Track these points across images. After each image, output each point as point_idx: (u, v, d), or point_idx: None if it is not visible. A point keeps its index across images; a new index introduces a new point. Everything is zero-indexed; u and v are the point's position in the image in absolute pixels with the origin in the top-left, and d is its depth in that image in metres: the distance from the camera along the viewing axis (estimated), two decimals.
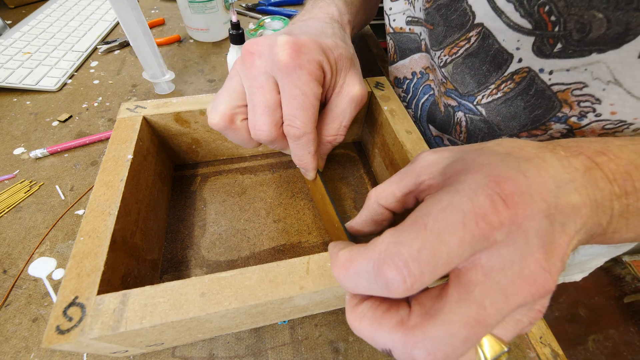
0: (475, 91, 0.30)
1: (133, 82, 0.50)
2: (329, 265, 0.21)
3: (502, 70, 0.27)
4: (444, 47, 0.30)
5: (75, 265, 0.20)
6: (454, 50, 0.29)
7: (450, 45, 0.29)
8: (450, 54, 0.30)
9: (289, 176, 0.37)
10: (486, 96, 0.29)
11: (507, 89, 0.27)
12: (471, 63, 0.29)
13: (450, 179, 0.15)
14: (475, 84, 0.30)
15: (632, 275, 1.02)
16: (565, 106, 0.25)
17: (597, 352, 0.95)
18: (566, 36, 0.22)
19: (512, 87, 0.27)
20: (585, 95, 0.24)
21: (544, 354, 0.27)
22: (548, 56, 0.24)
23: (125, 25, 0.39)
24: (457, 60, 0.30)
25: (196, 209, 0.34)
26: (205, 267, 0.30)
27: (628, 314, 1.01)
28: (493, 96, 0.29)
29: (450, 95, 0.33)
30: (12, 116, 0.44)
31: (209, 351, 0.26)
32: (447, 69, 0.31)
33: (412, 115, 0.42)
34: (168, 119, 0.31)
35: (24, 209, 0.34)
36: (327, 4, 0.33)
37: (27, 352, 0.25)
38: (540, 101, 0.26)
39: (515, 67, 0.26)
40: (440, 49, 0.31)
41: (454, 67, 0.30)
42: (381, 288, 0.13)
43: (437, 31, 0.30)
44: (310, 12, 0.32)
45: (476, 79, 0.29)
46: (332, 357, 0.26)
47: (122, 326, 0.18)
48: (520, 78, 0.26)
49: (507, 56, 0.26)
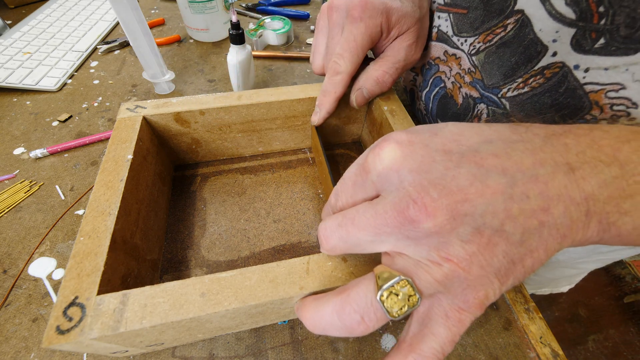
0: (500, 84, 0.28)
1: (133, 82, 0.50)
2: (329, 265, 0.21)
3: (532, 63, 0.25)
4: (479, 34, 0.29)
5: (75, 265, 0.20)
6: (489, 37, 0.28)
7: (487, 32, 0.28)
8: (484, 41, 0.28)
9: (289, 176, 0.37)
10: (512, 90, 0.28)
11: (535, 84, 0.26)
12: (502, 53, 0.27)
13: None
14: (501, 76, 0.28)
15: (632, 275, 1.02)
16: (595, 108, 0.23)
17: (597, 352, 0.95)
18: (612, 31, 0.20)
19: (541, 82, 0.25)
20: (620, 99, 0.21)
21: (544, 354, 0.27)
22: (587, 52, 0.22)
23: (125, 25, 0.39)
24: (491, 49, 0.28)
25: (196, 209, 0.34)
26: (205, 267, 0.30)
27: (628, 314, 1.01)
28: (519, 90, 0.27)
29: (474, 85, 0.31)
30: (12, 116, 0.44)
31: (209, 351, 0.26)
32: (479, 57, 0.29)
33: (424, 108, 0.41)
34: (168, 119, 0.31)
35: (24, 209, 0.34)
36: None
37: (27, 352, 0.25)
38: (570, 100, 0.24)
39: (547, 60, 0.24)
40: (474, 35, 0.29)
41: (486, 55, 0.29)
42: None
43: (474, 15, 0.29)
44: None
45: (502, 70, 0.28)
46: (332, 357, 0.26)
47: (122, 326, 0.18)
48: (552, 73, 0.24)
49: (541, 48, 0.24)
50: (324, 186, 0.35)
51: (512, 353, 0.27)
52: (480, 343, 0.27)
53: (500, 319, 0.29)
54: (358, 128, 0.39)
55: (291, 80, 0.52)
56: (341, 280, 0.21)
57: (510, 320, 0.29)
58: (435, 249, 0.14)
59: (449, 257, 0.14)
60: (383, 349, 0.27)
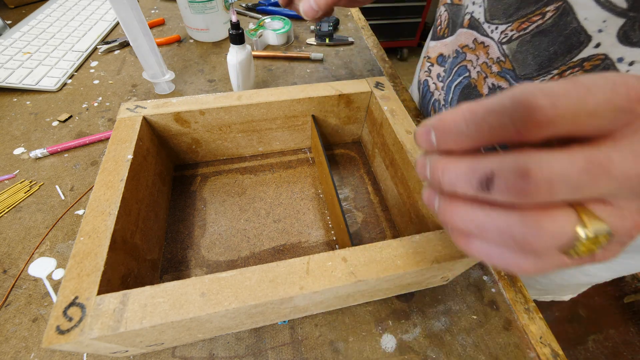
0: (534, 75, 0.27)
1: (133, 82, 0.50)
2: (329, 265, 0.21)
3: (572, 54, 0.24)
4: (513, 21, 0.27)
5: (75, 265, 0.20)
6: (524, 25, 0.27)
7: (522, 20, 0.27)
8: (519, 29, 0.27)
9: (289, 176, 0.37)
10: (546, 82, 0.27)
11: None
12: (538, 42, 0.26)
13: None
14: (535, 67, 0.27)
15: (632, 275, 1.02)
16: None
17: (597, 352, 0.95)
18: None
19: (579, 75, 0.23)
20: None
21: (544, 354, 0.27)
22: (634, 44, 0.21)
23: (125, 25, 0.39)
24: (525, 38, 0.27)
25: (196, 209, 0.34)
26: (205, 267, 0.30)
27: (628, 314, 1.01)
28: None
29: (503, 76, 0.30)
30: (12, 116, 0.44)
31: (209, 351, 0.26)
32: (511, 46, 0.28)
33: (443, 97, 0.40)
34: (168, 119, 0.31)
35: (24, 209, 0.34)
36: None
37: (27, 352, 0.25)
38: None
39: (589, 52, 0.23)
40: (507, 23, 0.28)
41: (519, 44, 0.27)
42: (518, 120, 0.12)
43: (508, 2, 0.28)
44: None
45: (538, 60, 0.26)
46: (332, 357, 0.26)
47: (122, 326, 0.18)
48: (592, 66, 0.23)
49: (584, 38, 0.23)
50: (324, 186, 0.35)
51: (512, 353, 0.27)
52: (480, 343, 0.27)
53: (500, 319, 0.29)
54: (358, 128, 0.39)
55: (291, 80, 0.52)
56: (341, 280, 0.21)
57: (510, 320, 0.29)
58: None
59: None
60: (383, 349, 0.27)
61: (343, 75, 0.53)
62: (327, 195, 0.33)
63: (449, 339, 0.27)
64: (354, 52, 0.59)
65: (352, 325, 0.28)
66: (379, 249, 0.22)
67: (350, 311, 0.29)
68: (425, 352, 0.27)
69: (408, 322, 0.28)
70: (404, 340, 0.27)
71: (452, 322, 0.28)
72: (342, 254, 0.22)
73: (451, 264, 0.22)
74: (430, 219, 0.26)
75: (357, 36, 0.63)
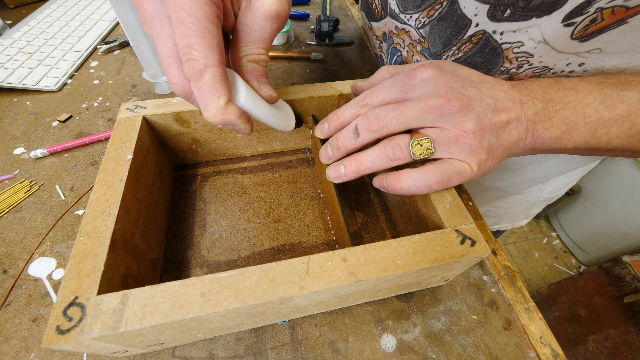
0: (441, 51, 0.35)
1: (133, 82, 0.50)
2: (329, 265, 0.21)
3: (462, 33, 0.32)
4: (423, 10, 0.34)
5: (75, 265, 0.20)
6: (430, 12, 0.34)
7: (428, 8, 0.34)
8: (428, 16, 0.34)
9: (289, 176, 0.37)
10: (450, 56, 0.34)
11: (466, 49, 0.33)
12: (441, 25, 0.33)
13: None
14: (441, 45, 0.34)
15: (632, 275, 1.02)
16: (506, 61, 0.31)
17: (597, 352, 0.95)
18: (514, 4, 0.27)
19: (470, 47, 0.32)
20: (521, 53, 0.29)
21: (544, 354, 0.27)
22: (499, 20, 0.29)
23: (125, 25, 0.39)
24: (433, 22, 0.34)
25: (196, 209, 0.34)
26: (205, 267, 0.30)
27: (628, 314, 1.01)
28: (456, 56, 0.34)
29: (423, 53, 0.38)
30: (12, 116, 0.44)
31: (209, 351, 0.26)
32: (425, 29, 0.35)
33: None
34: (168, 119, 0.31)
35: (24, 209, 0.34)
36: None
37: (27, 352, 0.25)
38: (493, 57, 0.31)
39: (473, 30, 0.31)
40: (418, 12, 0.35)
41: (430, 28, 0.35)
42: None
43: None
44: None
45: (442, 40, 0.34)
46: (332, 357, 0.26)
47: (122, 326, 0.18)
48: (477, 39, 0.31)
49: (467, 21, 0.31)
50: (324, 186, 0.35)
51: (512, 353, 0.27)
52: (480, 343, 0.27)
53: (500, 319, 0.29)
54: None
55: (291, 80, 0.52)
56: (341, 280, 0.21)
57: (510, 320, 0.29)
58: (456, 122, 0.24)
59: (463, 128, 0.24)
60: (383, 349, 0.27)
61: (343, 75, 0.53)
62: (327, 195, 0.33)
63: (449, 339, 0.27)
64: (354, 52, 0.59)
65: (352, 325, 0.28)
66: (379, 249, 0.22)
67: (350, 311, 0.29)
68: (425, 352, 0.27)
69: (408, 322, 0.28)
70: (404, 340, 0.27)
71: (452, 322, 0.28)
72: (342, 254, 0.22)
73: (451, 264, 0.22)
74: (430, 219, 0.27)
75: (357, 36, 0.63)
